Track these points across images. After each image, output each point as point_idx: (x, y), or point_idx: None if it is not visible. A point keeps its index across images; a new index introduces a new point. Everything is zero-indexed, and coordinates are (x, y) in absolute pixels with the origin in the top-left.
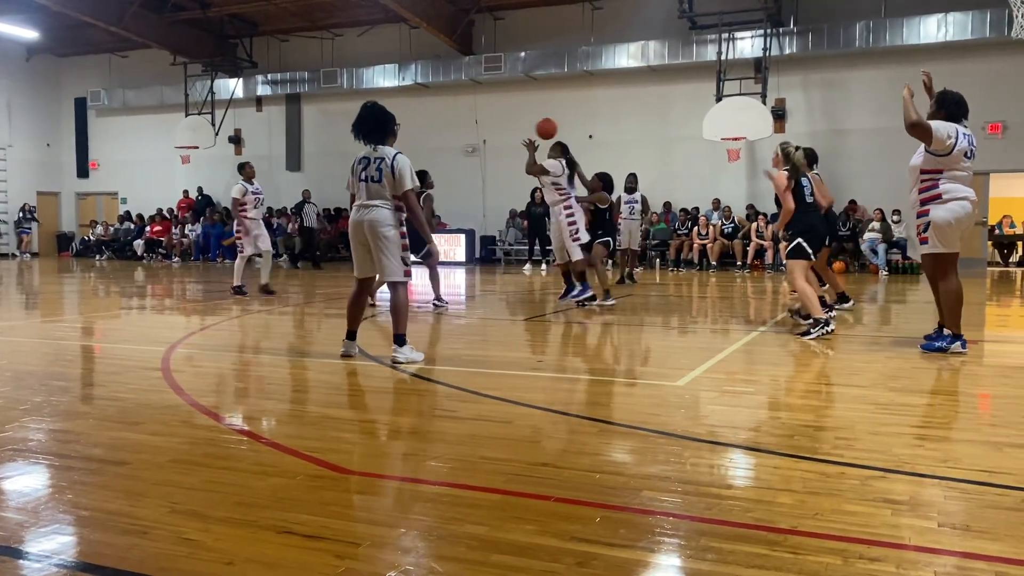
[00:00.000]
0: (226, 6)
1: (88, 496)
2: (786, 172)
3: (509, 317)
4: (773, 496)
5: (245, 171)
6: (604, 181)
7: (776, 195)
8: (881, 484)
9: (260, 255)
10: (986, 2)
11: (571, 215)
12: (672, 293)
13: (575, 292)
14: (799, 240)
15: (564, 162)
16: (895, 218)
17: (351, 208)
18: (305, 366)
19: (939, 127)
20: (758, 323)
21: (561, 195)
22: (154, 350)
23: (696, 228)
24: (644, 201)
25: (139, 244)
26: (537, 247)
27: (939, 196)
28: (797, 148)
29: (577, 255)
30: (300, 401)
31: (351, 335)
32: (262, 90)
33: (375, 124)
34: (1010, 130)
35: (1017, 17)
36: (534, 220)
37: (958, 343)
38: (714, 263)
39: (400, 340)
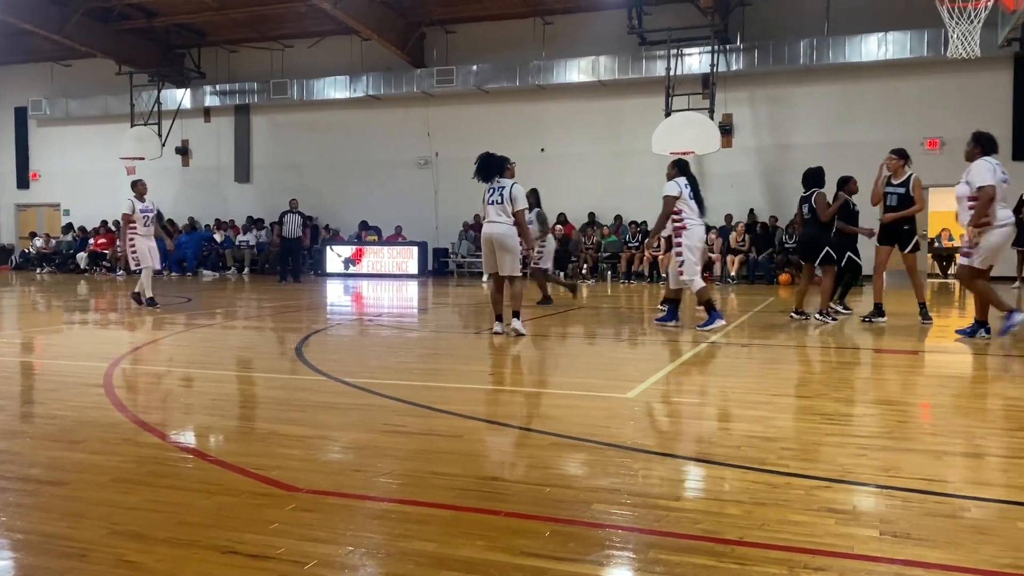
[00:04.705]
0: (173, 16)
1: (24, 518)
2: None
3: (461, 330)
4: (721, 507)
5: (137, 188)
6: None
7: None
8: (826, 494)
9: (142, 269)
10: (923, 22)
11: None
12: (623, 305)
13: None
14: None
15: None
16: None
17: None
18: (252, 381)
19: (985, 172)
20: (708, 334)
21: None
22: (96, 366)
23: (647, 240)
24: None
25: (82, 257)
26: None
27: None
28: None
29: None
30: (247, 417)
31: (499, 318)
32: (210, 100)
33: (490, 167)
34: (947, 146)
35: (952, 37)
36: None
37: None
38: (664, 275)
39: (517, 315)
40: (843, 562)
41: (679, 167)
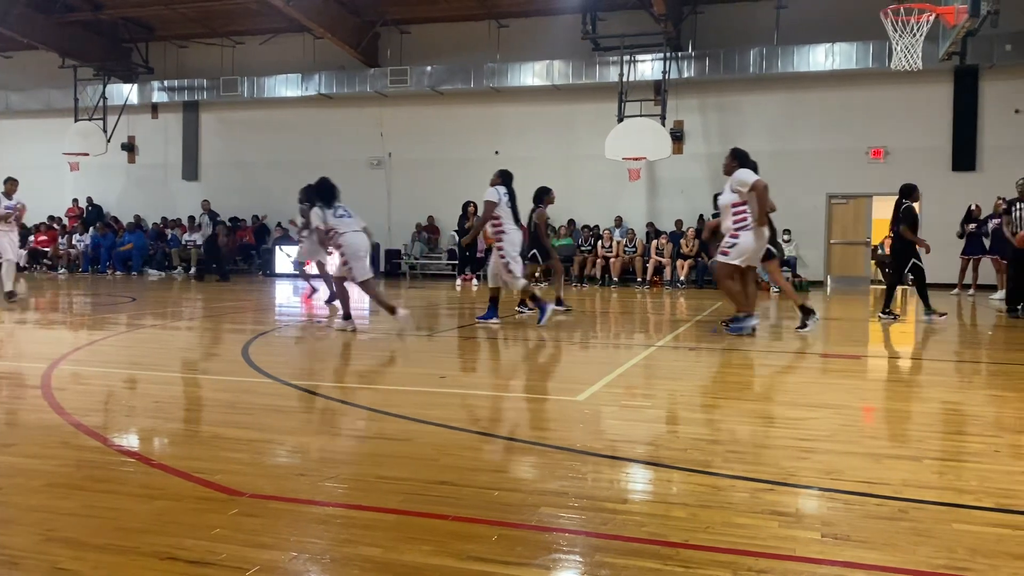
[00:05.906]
0: (120, 8)
1: None
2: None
3: (412, 332)
4: (666, 510)
5: (6, 186)
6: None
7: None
8: (769, 496)
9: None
10: (869, 35)
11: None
12: (574, 308)
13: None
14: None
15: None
16: (785, 237)
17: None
18: (197, 383)
19: (749, 173)
20: (657, 338)
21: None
22: (34, 367)
23: (600, 242)
24: None
25: (22, 254)
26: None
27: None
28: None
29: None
30: (191, 420)
31: (393, 310)
32: (158, 97)
33: (333, 192)
34: (891, 155)
35: (896, 50)
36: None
37: (754, 320)
38: (615, 279)
39: (394, 309)
40: (786, 564)
41: (502, 176)
